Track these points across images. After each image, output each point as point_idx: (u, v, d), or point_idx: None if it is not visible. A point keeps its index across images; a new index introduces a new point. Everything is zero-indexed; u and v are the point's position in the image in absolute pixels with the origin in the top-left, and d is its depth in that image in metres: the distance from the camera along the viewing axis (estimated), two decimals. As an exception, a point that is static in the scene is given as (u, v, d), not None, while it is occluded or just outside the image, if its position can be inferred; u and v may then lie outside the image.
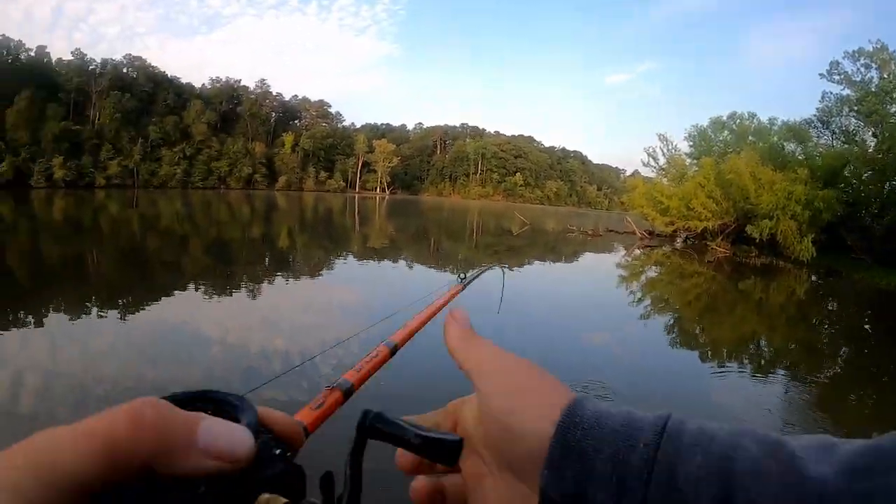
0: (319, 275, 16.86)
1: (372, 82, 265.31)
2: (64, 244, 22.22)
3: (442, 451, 0.47)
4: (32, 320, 9.99)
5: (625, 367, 8.98)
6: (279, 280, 15.47)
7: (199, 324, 10.08)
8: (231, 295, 12.73)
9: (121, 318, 10.13)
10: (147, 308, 11.17)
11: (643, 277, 21.90)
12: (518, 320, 10.79)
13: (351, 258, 21.88)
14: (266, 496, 0.36)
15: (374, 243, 27.89)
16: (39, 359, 7.73)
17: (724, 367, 9.62)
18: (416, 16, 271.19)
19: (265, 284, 14.40)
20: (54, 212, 39.91)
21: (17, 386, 6.67)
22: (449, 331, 0.51)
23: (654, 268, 25.77)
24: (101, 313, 10.54)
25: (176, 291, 12.86)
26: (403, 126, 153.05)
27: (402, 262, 20.86)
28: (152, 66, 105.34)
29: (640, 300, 16.00)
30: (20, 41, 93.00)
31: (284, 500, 0.37)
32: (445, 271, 18.36)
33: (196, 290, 13.34)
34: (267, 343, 9.06)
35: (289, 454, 0.40)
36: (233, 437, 0.33)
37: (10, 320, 9.84)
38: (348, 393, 0.69)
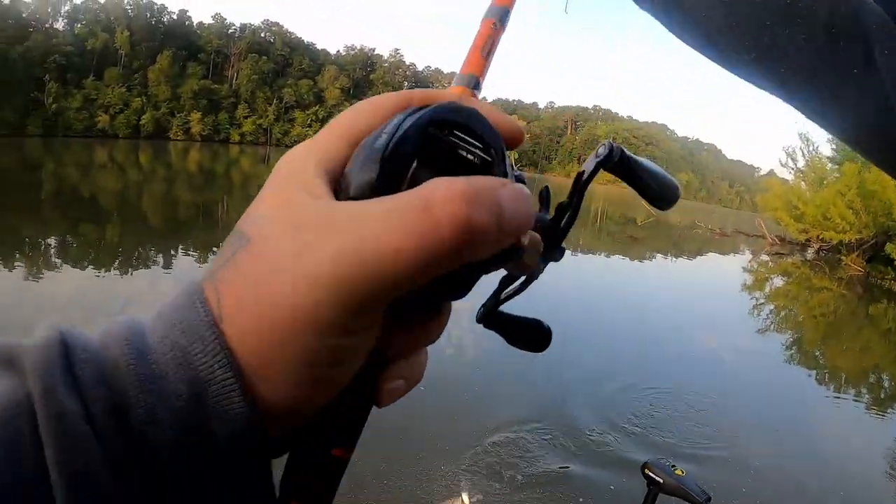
0: None
1: (506, 55, 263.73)
2: (196, 193, 23.34)
3: None
4: (161, 261, 10.75)
5: (726, 377, 8.42)
6: None
7: None
8: None
9: None
10: None
11: (766, 286, 20.99)
12: (628, 315, 10.62)
13: None
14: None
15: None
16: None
17: (838, 395, 9.14)
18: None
19: None
20: (189, 163, 41.87)
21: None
22: None
23: (779, 277, 24.66)
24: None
25: None
26: (535, 104, 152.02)
27: None
28: (289, 32, 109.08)
29: (758, 309, 15.36)
30: (163, 4, 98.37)
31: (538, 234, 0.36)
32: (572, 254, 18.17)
33: None
34: None
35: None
36: (525, 204, 0.28)
37: (142, 259, 10.64)
38: None
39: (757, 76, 0.75)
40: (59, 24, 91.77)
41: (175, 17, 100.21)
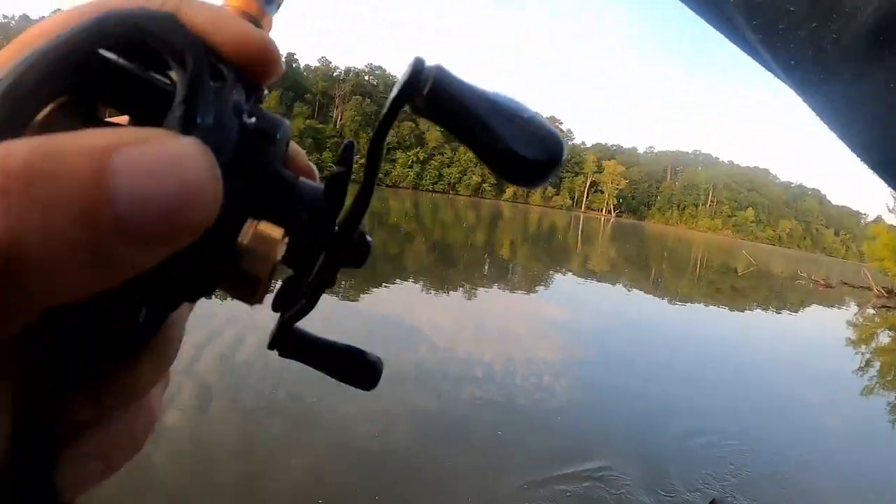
0: (535, 289, 16.61)
1: (603, 99, 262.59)
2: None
3: None
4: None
5: (823, 437, 7.98)
6: (495, 288, 15.37)
7: (411, 316, 10.22)
8: (448, 294, 12.86)
9: (339, 298, 10.92)
10: (364, 293, 11.79)
11: (872, 341, 20.05)
12: (723, 367, 10.46)
13: (569, 276, 21.62)
14: (254, 226, 0.25)
15: (593, 265, 27.42)
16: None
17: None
18: (653, 29, 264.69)
19: (480, 290, 14.36)
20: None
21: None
22: None
23: (886, 332, 23.49)
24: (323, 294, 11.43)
25: (396, 281, 13.18)
26: (634, 148, 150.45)
27: (618, 287, 20.38)
28: (391, 75, 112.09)
29: (862, 367, 14.65)
30: None
31: (279, 227, 0.25)
32: (657, 298, 18.02)
33: (414, 283, 13.59)
34: (473, 349, 8.87)
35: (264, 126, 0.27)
36: (172, 179, 0.16)
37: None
38: None
39: (791, 75, 0.64)
40: None
41: (284, 59, 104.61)
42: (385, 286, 12.47)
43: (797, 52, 0.60)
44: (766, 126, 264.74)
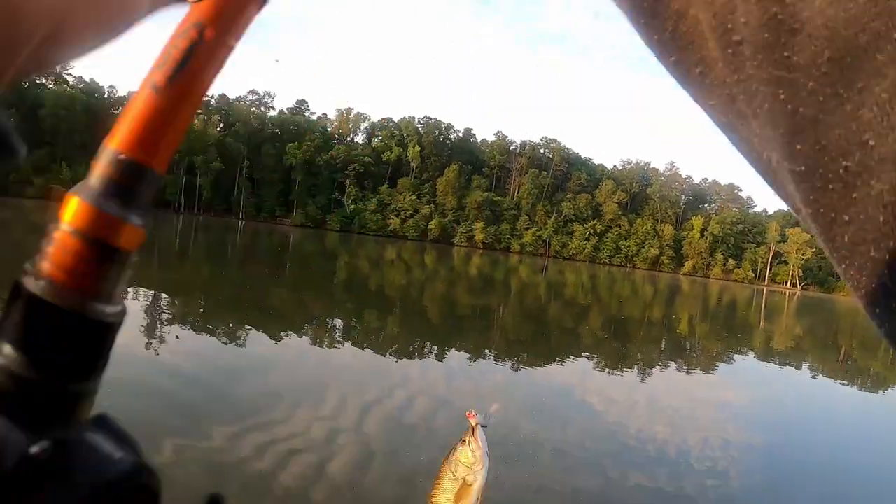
0: (712, 370, 15.80)
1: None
2: (474, 296, 24.05)
3: None
4: (434, 354, 11.31)
5: None
6: (671, 368, 14.83)
7: (582, 391, 10.14)
8: (621, 372, 12.50)
9: (514, 369, 10.47)
10: (538, 365, 11.37)
11: None
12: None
13: (750, 356, 20.33)
14: None
15: (777, 344, 25.62)
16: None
17: None
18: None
19: (656, 369, 13.93)
20: (470, 267, 44.01)
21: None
22: None
23: None
24: (497, 362, 11.06)
25: (570, 358, 13.00)
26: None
27: (804, 371, 18.78)
28: (566, 147, 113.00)
29: None
30: (450, 123, 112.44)
31: None
32: (847, 385, 16.29)
33: (589, 361, 13.35)
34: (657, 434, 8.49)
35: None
36: None
37: (416, 350, 10.85)
38: None
39: None
40: (359, 138, 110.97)
41: (461, 134, 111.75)
42: (559, 361, 12.43)
43: None
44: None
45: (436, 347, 11.83)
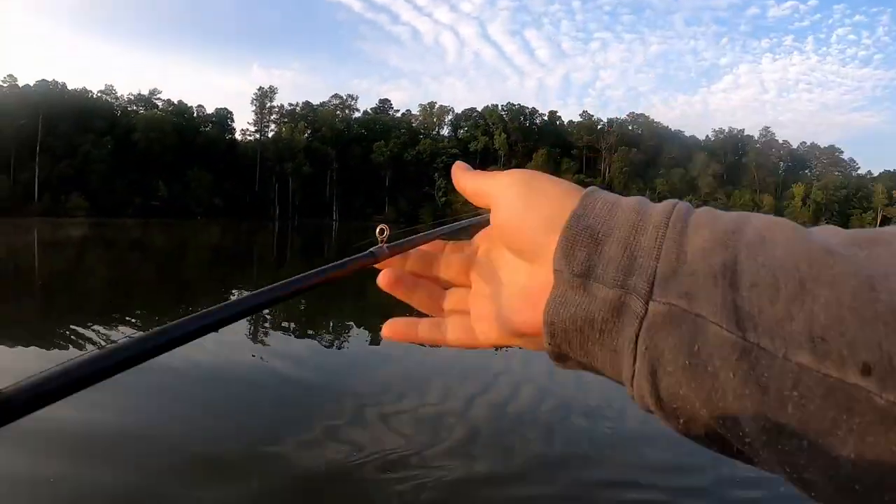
0: None
1: (887, 118, 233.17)
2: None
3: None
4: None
5: None
6: None
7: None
8: None
9: None
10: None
11: None
12: None
13: None
14: None
15: None
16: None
17: None
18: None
19: None
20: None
21: None
22: (457, 173, 0.53)
23: None
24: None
25: None
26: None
27: None
28: (656, 122, 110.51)
29: None
30: (534, 108, 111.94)
31: None
32: None
33: None
34: None
35: None
36: None
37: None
38: None
39: None
40: (444, 131, 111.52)
41: (546, 118, 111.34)
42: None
43: None
44: None
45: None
